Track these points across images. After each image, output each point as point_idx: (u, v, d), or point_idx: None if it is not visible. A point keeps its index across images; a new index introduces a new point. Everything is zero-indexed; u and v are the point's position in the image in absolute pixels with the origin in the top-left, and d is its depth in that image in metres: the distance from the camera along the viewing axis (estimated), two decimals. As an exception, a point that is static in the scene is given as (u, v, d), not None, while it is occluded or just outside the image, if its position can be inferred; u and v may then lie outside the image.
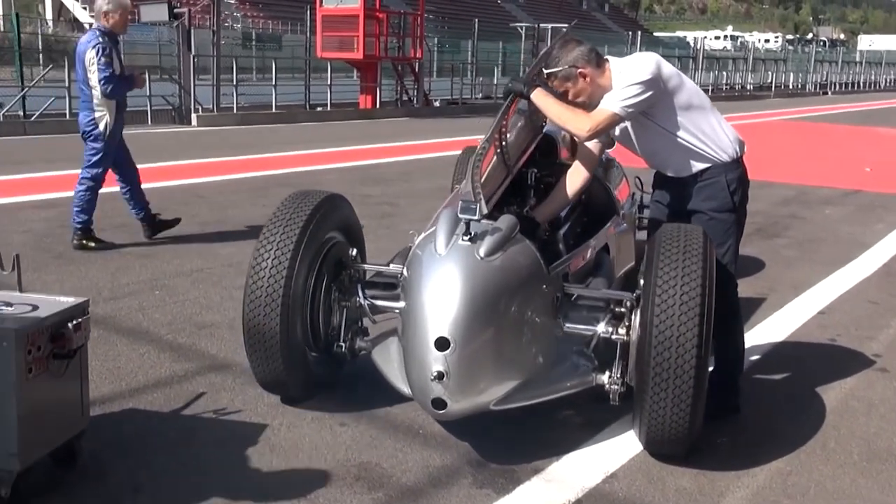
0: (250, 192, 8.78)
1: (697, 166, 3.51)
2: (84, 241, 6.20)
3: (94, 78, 6.00)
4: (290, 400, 3.61)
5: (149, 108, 16.11)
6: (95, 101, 6.07)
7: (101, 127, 6.11)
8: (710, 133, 3.50)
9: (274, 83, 18.63)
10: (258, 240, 3.41)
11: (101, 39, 6.01)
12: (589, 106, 3.44)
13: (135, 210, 6.51)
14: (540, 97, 3.46)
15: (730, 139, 3.54)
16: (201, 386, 3.80)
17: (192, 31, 16.49)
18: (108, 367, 3.97)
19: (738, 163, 3.56)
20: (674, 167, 3.57)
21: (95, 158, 6.18)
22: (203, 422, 3.46)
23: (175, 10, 15.86)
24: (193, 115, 16.24)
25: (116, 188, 6.48)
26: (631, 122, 3.51)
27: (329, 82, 19.65)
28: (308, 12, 19.63)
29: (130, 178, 6.44)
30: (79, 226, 6.21)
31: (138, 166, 6.56)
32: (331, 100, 19.62)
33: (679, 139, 3.46)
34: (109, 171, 6.29)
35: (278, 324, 3.31)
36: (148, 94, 16.05)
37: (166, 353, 4.21)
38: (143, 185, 6.54)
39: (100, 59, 5.95)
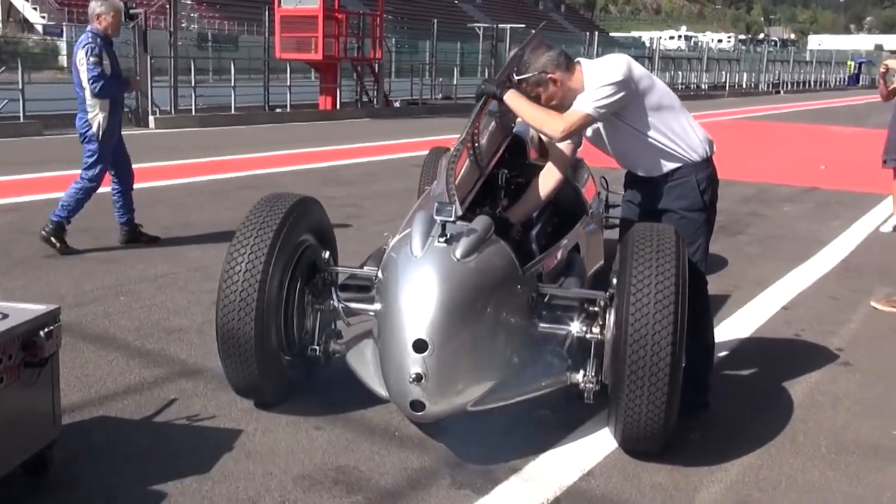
0: (213, 195, 8.69)
1: (668, 166, 3.55)
2: (52, 238, 6.09)
3: (84, 78, 6.02)
4: (264, 404, 3.58)
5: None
6: (88, 101, 6.09)
7: (95, 128, 6.13)
8: (680, 133, 3.54)
9: (233, 84, 18.44)
10: (231, 244, 3.39)
11: (91, 40, 6.04)
12: (561, 108, 3.47)
13: (119, 213, 6.47)
14: (513, 99, 3.48)
15: (700, 139, 3.59)
16: (172, 392, 3.76)
17: (148, 31, 16.26)
18: (77, 375, 3.90)
19: (708, 162, 3.61)
20: (645, 167, 3.61)
21: (91, 160, 6.19)
22: (176, 429, 3.42)
23: (130, 11, 15.62)
24: (151, 118, 16.01)
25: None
26: (603, 123, 3.55)
27: (288, 83, 19.51)
28: (266, 13, 19.47)
29: (125, 181, 6.44)
30: (55, 219, 6.12)
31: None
32: (290, 101, 19.47)
33: (650, 139, 3.50)
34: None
35: (253, 328, 3.28)
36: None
37: (135, 359, 4.15)
38: (102, 189, 6.43)
39: (89, 59, 5.98)
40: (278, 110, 19.07)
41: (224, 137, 14.06)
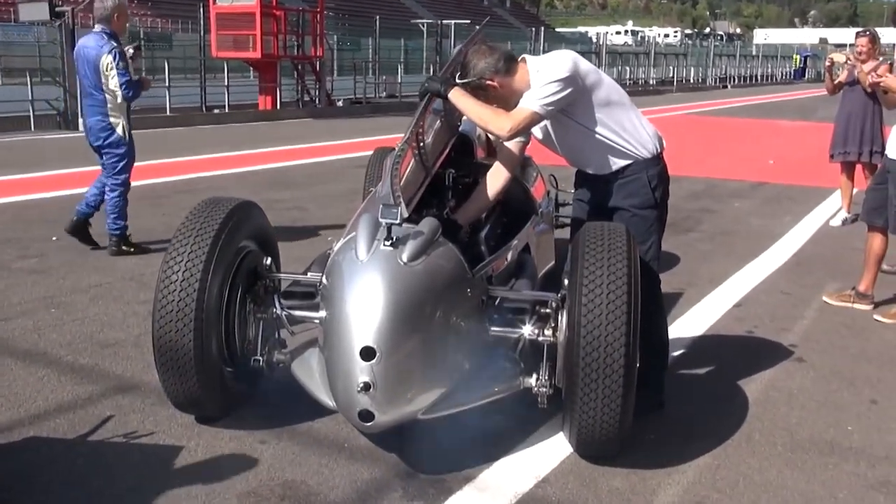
0: (148, 201, 8.52)
1: (618, 163, 3.58)
2: (123, 247, 6.34)
3: (112, 82, 6.13)
4: (205, 419, 3.52)
5: (31, 112, 15.53)
6: (110, 105, 6.20)
7: (119, 131, 6.27)
8: (630, 129, 3.57)
9: (167, 84, 18.17)
10: (167, 251, 3.32)
11: (113, 43, 6.16)
12: (508, 107, 3.47)
13: (83, 205, 6.47)
14: (458, 97, 3.47)
15: (649, 135, 3.62)
16: (108, 409, 3.67)
17: (76, 30, 15.92)
18: (3, 394, 3.80)
19: (658, 159, 3.64)
20: (595, 165, 3.63)
21: (121, 164, 6.33)
22: (113, 447, 3.34)
23: (56, 9, 15.29)
24: (80, 120, 15.66)
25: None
26: (551, 122, 3.56)
27: (226, 83, 19.28)
28: (201, 10, 19.21)
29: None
30: (117, 232, 6.34)
31: (20, 176, 6.36)
32: (229, 101, 19.26)
33: (599, 136, 3.52)
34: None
35: (192, 339, 3.22)
36: (30, 97, 15.47)
37: (67, 375, 4.05)
38: (28, 196, 6.31)
39: (118, 64, 6.11)
40: (216, 111, 18.83)
41: (159, 140, 13.82)
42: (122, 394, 3.83)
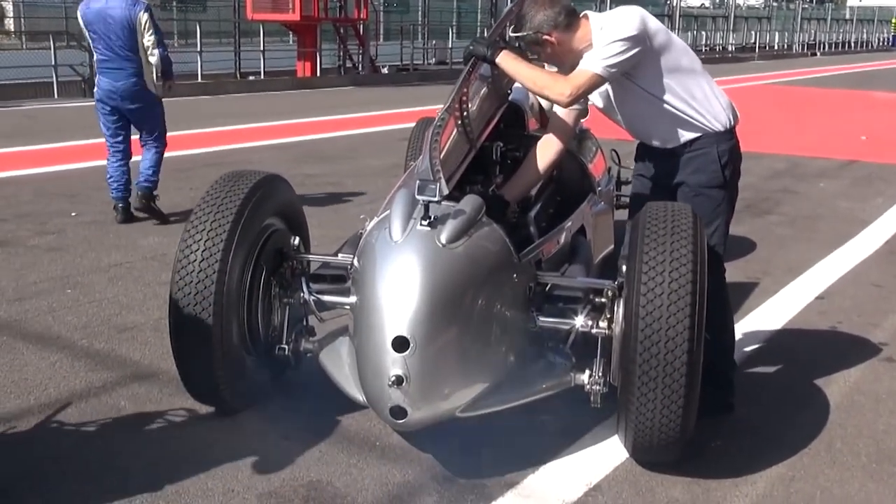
0: (174, 175, 8.62)
1: (685, 136, 3.51)
2: (152, 205, 6.74)
3: (149, 42, 6.51)
4: (226, 412, 3.54)
5: (55, 79, 15.82)
6: (145, 65, 6.57)
7: (153, 89, 6.68)
8: (700, 98, 3.50)
9: (199, 49, 18.36)
10: (185, 229, 3.33)
11: (144, 1, 6.56)
12: (563, 68, 3.41)
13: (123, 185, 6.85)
14: (508, 61, 3.42)
15: (722, 106, 3.55)
16: (123, 398, 3.71)
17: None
18: (14, 380, 3.86)
19: (730, 133, 3.57)
20: (659, 136, 3.56)
21: (161, 124, 6.90)
22: (126, 441, 3.37)
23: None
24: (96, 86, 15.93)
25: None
26: (613, 87, 3.50)
27: (262, 48, 19.43)
28: (237, -32, 19.37)
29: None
30: (148, 185, 6.74)
31: (42, 147, 6.54)
32: (264, 67, 19.41)
33: (666, 105, 3.46)
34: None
35: (211, 325, 3.23)
36: (53, 62, 15.74)
37: (81, 361, 4.10)
38: (49, 168, 6.45)
39: (155, 22, 6.58)
40: (251, 78, 19.00)
41: (189, 109, 13.96)
42: (138, 382, 3.88)
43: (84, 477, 3.09)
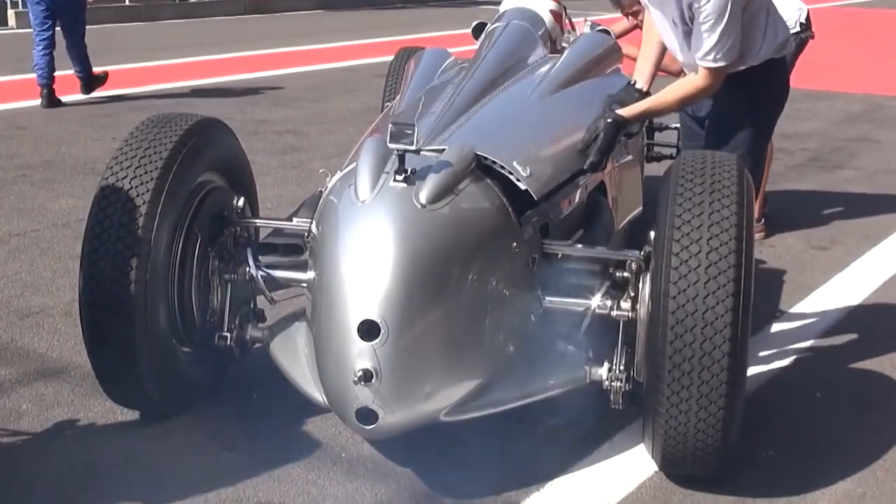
0: (90, 121, 8.67)
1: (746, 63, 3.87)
2: (94, 85, 9.75)
3: None
4: (153, 416, 3.56)
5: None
6: None
7: None
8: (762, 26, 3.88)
9: (125, -37, 18.28)
10: (99, 187, 3.34)
11: None
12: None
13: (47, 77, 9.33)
14: (637, 110, 3.86)
15: (781, 34, 3.92)
16: (24, 400, 3.73)
17: None
18: None
19: (782, 61, 3.91)
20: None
21: (83, 13, 9.59)
22: (27, 453, 3.39)
23: None
24: (11, 13, 15.97)
25: None
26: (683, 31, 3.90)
27: (204, -39, 19.33)
28: None
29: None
30: (88, 76, 9.62)
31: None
32: (208, -14, 19.34)
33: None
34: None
35: (132, 308, 3.24)
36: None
37: (-29, 354, 4.13)
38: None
39: None
40: (191, 0, 18.94)
41: (111, 40, 13.92)
42: (44, 380, 3.90)
43: (-25, 497, 3.12)
